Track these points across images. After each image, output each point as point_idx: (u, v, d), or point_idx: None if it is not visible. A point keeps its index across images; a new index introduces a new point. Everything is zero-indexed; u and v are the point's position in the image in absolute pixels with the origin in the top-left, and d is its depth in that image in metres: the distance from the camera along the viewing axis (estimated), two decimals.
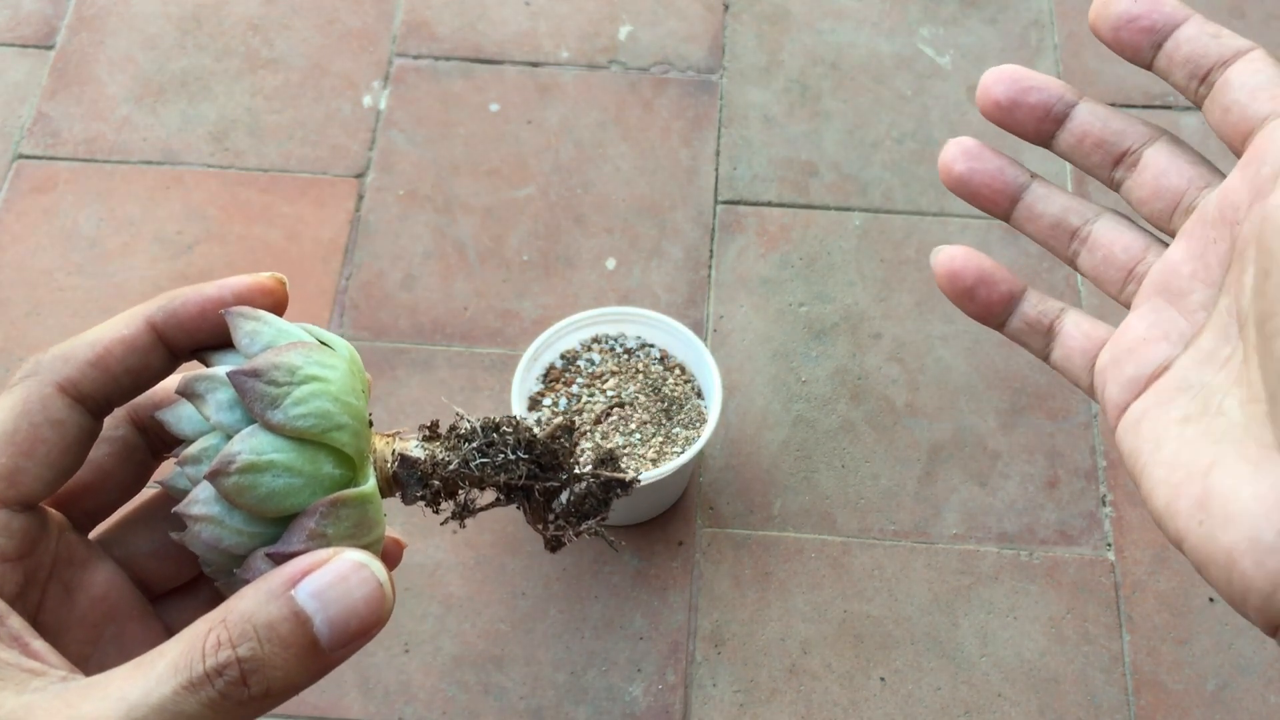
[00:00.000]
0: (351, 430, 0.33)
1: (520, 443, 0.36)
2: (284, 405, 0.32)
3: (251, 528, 0.32)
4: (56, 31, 1.15)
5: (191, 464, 0.33)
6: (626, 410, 0.89)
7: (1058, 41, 1.14)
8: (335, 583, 0.30)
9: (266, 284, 0.36)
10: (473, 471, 0.36)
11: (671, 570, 0.89)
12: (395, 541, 0.37)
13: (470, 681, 0.85)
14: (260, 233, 1.04)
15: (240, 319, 0.34)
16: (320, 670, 0.30)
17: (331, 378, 0.33)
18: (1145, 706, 0.84)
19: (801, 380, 0.97)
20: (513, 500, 0.37)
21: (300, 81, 1.12)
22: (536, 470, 0.36)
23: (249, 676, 0.29)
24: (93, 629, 0.35)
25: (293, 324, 0.35)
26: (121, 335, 0.34)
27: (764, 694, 0.85)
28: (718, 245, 1.03)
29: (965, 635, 0.87)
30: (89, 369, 0.34)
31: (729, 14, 1.16)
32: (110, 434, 0.36)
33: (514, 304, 1.00)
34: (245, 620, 0.29)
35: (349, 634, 0.30)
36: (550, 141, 1.09)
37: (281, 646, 0.29)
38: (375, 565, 0.31)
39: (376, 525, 0.34)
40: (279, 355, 0.33)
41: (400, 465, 0.35)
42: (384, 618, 0.31)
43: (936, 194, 1.06)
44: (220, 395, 0.33)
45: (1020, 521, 0.91)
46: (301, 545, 0.32)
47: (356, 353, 0.36)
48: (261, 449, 0.32)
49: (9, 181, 1.06)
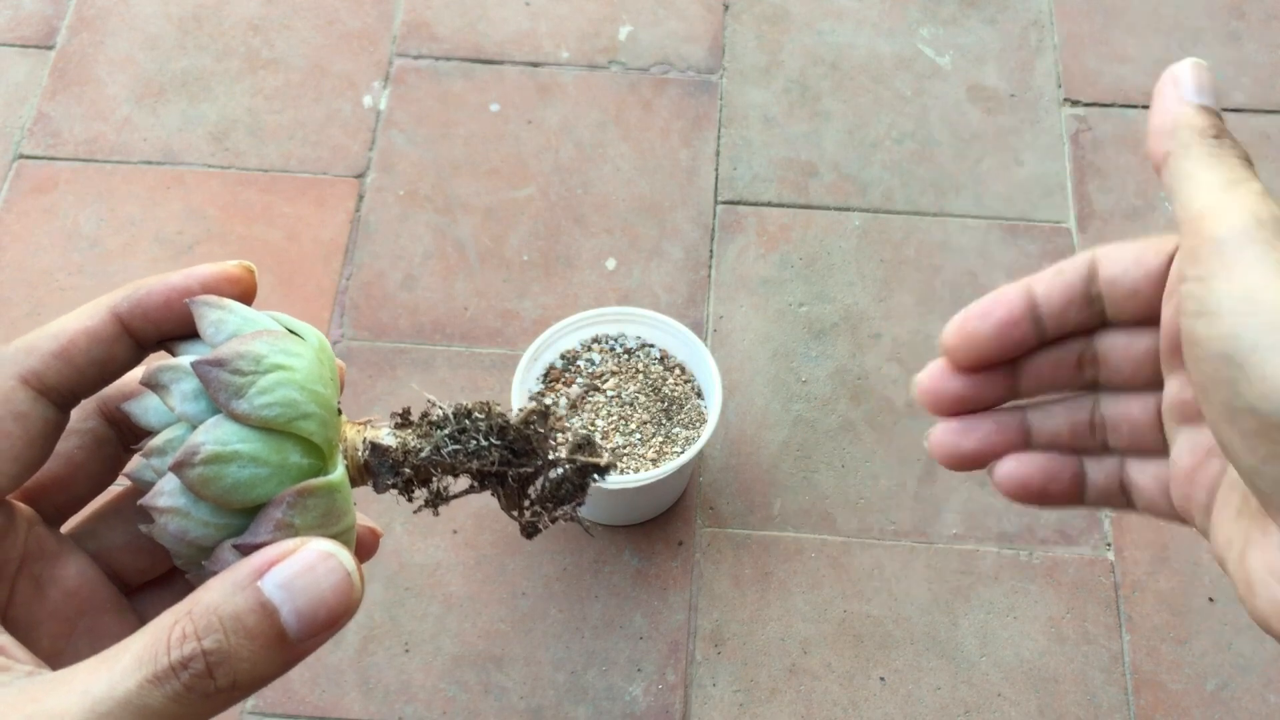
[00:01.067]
0: (319, 419, 0.33)
1: (493, 429, 0.35)
2: (249, 395, 0.31)
3: (218, 519, 0.32)
4: (57, 31, 1.15)
5: (157, 455, 0.32)
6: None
7: (1057, 41, 1.14)
8: (302, 573, 0.30)
9: (233, 272, 0.35)
10: (445, 459, 0.35)
11: (671, 570, 0.89)
12: (371, 530, 0.37)
13: (470, 681, 0.85)
14: (260, 233, 1.04)
15: (205, 308, 0.34)
16: (288, 661, 0.30)
17: (297, 366, 0.33)
18: (1145, 706, 0.84)
19: (801, 380, 0.97)
20: (486, 487, 0.36)
21: (300, 82, 1.12)
22: (510, 456, 0.35)
23: (215, 669, 0.29)
24: (65, 623, 0.34)
25: (260, 312, 0.34)
26: (86, 326, 0.34)
27: (764, 694, 0.85)
28: (718, 245, 1.03)
29: (965, 635, 0.87)
30: (53, 360, 0.33)
31: (729, 14, 1.16)
32: (79, 426, 0.35)
33: (514, 304, 1.00)
34: (211, 612, 0.29)
35: (317, 624, 0.30)
36: (550, 141, 1.09)
37: (248, 638, 0.29)
38: (343, 555, 0.31)
39: (345, 514, 0.33)
40: (244, 344, 0.32)
41: (371, 453, 0.35)
42: (352, 608, 0.31)
43: (936, 194, 1.06)
44: (185, 385, 0.32)
45: (1020, 521, 0.91)
46: (268, 536, 0.31)
47: (326, 341, 0.35)
48: (226, 439, 0.31)
49: (9, 181, 1.06)
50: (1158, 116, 0.34)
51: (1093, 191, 1.06)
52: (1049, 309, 0.37)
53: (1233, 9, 1.16)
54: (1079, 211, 1.05)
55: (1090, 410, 0.39)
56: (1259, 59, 1.13)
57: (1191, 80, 0.34)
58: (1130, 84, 1.12)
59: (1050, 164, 1.06)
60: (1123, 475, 0.39)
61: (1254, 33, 1.15)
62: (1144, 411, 0.38)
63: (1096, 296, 0.37)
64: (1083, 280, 0.37)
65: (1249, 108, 1.10)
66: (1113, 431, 0.38)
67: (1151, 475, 0.38)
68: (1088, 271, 0.37)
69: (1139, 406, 0.38)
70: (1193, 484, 0.36)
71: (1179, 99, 0.34)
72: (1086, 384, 0.39)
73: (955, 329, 0.38)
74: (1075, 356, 0.38)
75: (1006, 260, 1.02)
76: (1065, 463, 0.39)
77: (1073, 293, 0.37)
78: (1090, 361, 0.38)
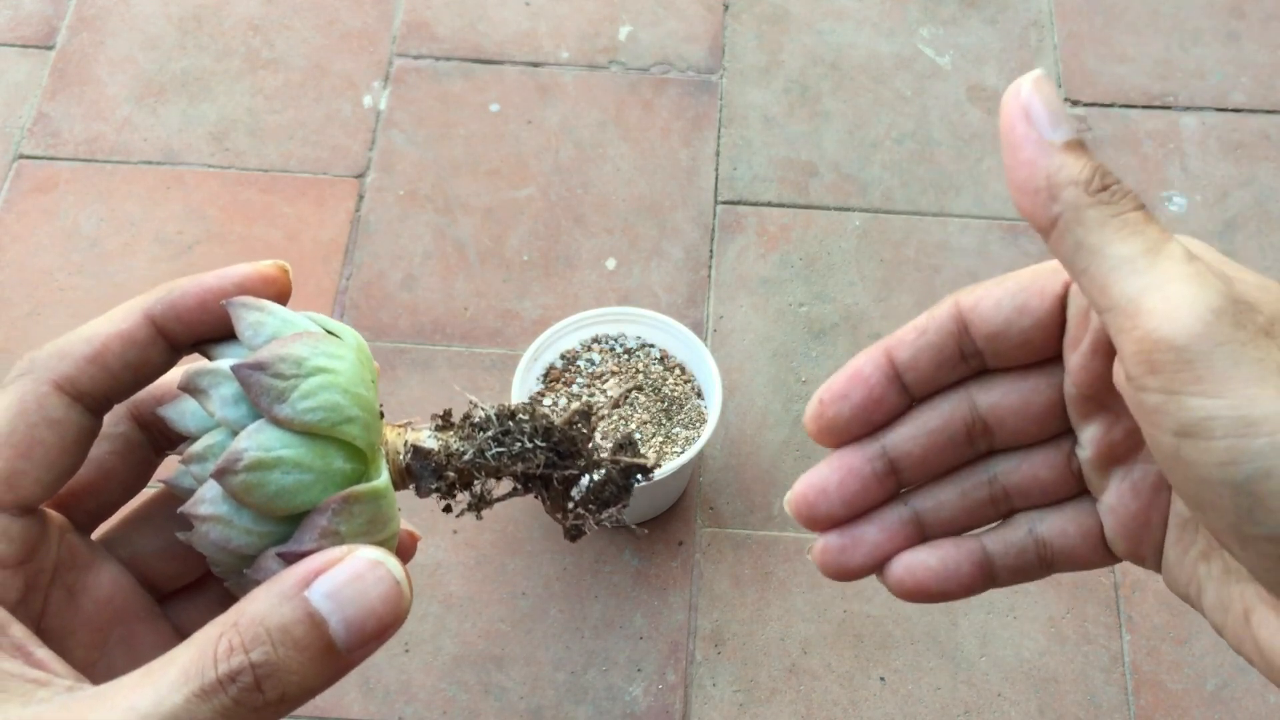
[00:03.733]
0: (362, 423, 0.32)
1: (537, 430, 0.34)
2: (291, 399, 0.31)
3: (261, 526, 0.31)
4: (57, 31, 1.15)
5: (197, 462, 0.31)
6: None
7: (1057, 41, 1.14)
8: (350, 582, 0.29)
9: (269, 272, 0.34)
10: (489, 461, 0.34)
11: (671, 570, 0.89)
12: (409, 534, 0.36)
13: (470, 681, 0.85)
14: (260, 233, 1.04)
15: (243, 309, 0.33)
16: (337, 673, 0.29)
17: (340, 369, 0.32)
18: (1145, 706, 0.84)
19: (801, 380, 0.97)
20: (530, 490, 0.35)
21: (300, 82, 1.12)
22: (554, 458, 0.35)
23: (263, 682, 0.28)
24: (99, 633, 0.34)
25: (298, 313, 0.33)
26: (119, 330, 0.33)
27: (764, 694, 0.85)
28: (718, 245, 1.03)
29: (965, 635, 0.87)
30: (86, 365, 0.32)
31: (729, 14, 1.16)
32: (111, 431, 0.35)
33: (514, 304, 1.00)
34: (258, 623, 0.28)
35: (366, 635, 0.29)
36: (550, 141, 1.09)
37: (296, 650, 0.28)
38: (391, 562, 0.30)
39: (391, 521, 0.32)
40: (284, 347, 0.31)
41: (413, 457, 0.34)
42: (402, 616, 0.30)
43: (936, 194, 1.06)
44: (224, 390, 0.31)
45: None
46: (314, 544, 0.31)
47: (364, 341, 0.34)
48: (269, 445, 0.30)
49: (9, 181, 1.06)
50: (1022, 170, 0.30)
51: None
52: (917, 376, 0.35)
53: (1233, 9, 1.16)
54: None
55: (987, 482, 0.36)
56: (1259, 59, 1.13)
57: (1043, 108, 0.30)
58: (1130, 84, 1.12)
59: None
60: (1035, 538, 0.36)
61: (1254, 33, 1.15)
62: (1052, 466, 0.35)
63: (974, 354, 0.34)
64: (952, 338, 0.34)
65: (1249, 108, 1.10)
66: (1019, 496, 0.36)
67: (1073, 526, 0.35)
68: (955, 328, 0.34)
69: (1044, 461, 0.35)
70: (1143, 524, 0.34)
71: (1039, 142, 0.29)
72: (979, 455, 0.36)
73: (814, 416, 0.35)
74: (961, 430, 0.35)
75: (1006, 260, 1.02)
76: (964, 550, 0.36)
77: (942, 355, 0.34)
78: (981, 433, 0.35)
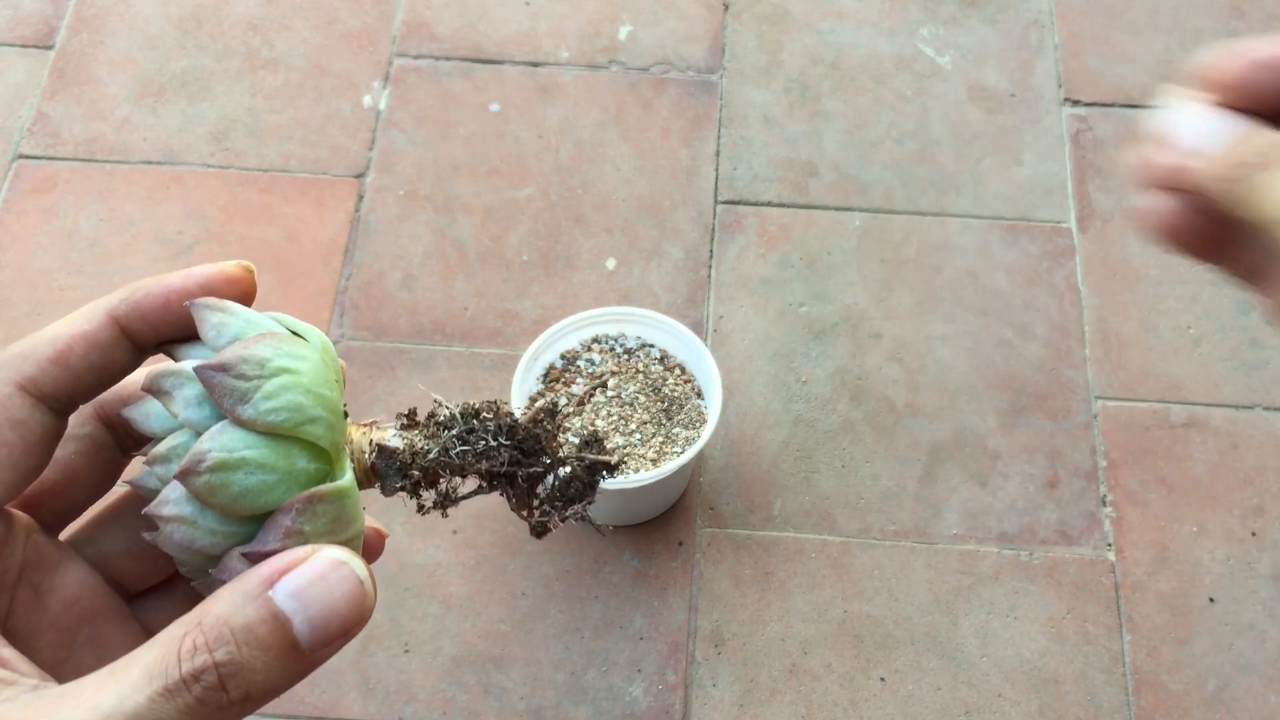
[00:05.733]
0: (325, 423, 0.32)
1: (501, 429, 0.35)
2: (254, 400, 0.31)
3: (225, 527, 0.31)
4: (56, 31, 1.15)
5: (160, 463, 0.31)
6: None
7: (1058, 41, 1.14)
8: (314, 581, 0.29)
9: (233, 273, 0.34)
10: (453, 459, 0.34)
11: (671, 570, 0.89)
12: (376, 532, 0.36)
13: (470, 681, 0.85)
14: (260, 233, 1.04)
15: (206, 310, 0.33)
16: (301, 672, 0.29)
17: (303, 369, 0.32)
18: (1145, 706, 0.84)
19: (801, 380, 0.97)
20: (495, 488, 0.35)
21: (300, 81, 1.12)
22: (519, 456, 0.35)
23: (227, 681, 0.28)
24: (66, 632, 0.34)
25: (261, 314, 0.33)
26: (83, 330, 0.33)
27: (764, 694, 0.85)
28: (718, 245, 1.03)
29: (965, 635, 0.87)
30: (50, 366, 0.32)
31: (729, 14, 1.16)
32: (76, 432, 0.35)
33: (514, 304, 1.00)
34: (221, 623, 0.28)
35: (330, 634, 0.29)
36: (550, 141, 1.09)
37: (260, 649, 0.28)
38: (355, 562, 0.30)
39: (355, 520, 0.33)
40: (247, 348, 0.31)
41: (378, 456, 0.34)
42: (365, 616, 0.30)
43: (936, 194, 1.06)
44: (188, 391, 0.32)
45: (1020, 521, 0.91)
46: (278, 544, 0.31)
47: (329, 342, 0.34)
48: (232, 446, 0.30)
49: (9, 181, 1.06)
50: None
51: (1093, 191, 1.06)
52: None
53: (1233, 9, 1.16)
54: (1079, 211, 1.05)
55: None
56: None
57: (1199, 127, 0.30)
58: (1130, 84, 1.12)
59: (1050, 164, 1.06)
60: None
61: (1254, 33, 1.15)
62: None
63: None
64: None
65: None
66: None
67: None
68: None
69: None
70: None
71: None
72: None
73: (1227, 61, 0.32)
74: None
75: (1007, 260, 1.02)
76: None
77: None
78: None
